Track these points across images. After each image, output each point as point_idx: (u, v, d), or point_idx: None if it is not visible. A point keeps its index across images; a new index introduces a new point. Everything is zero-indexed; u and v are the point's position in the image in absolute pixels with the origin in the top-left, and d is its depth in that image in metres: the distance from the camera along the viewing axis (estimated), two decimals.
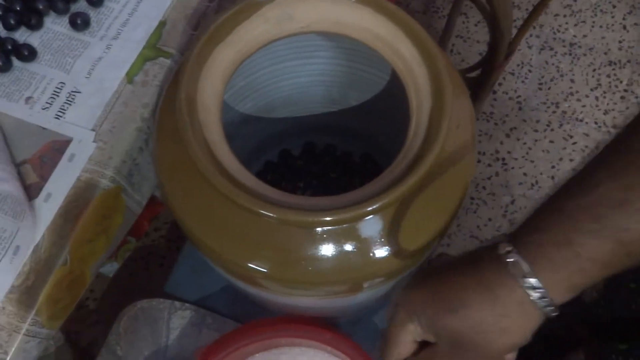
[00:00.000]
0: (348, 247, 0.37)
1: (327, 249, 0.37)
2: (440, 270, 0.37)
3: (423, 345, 0.38)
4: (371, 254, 0.37)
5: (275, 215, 0.35)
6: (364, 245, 0.37)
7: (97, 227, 0.44)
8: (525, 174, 1.21)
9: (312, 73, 0.57)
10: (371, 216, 0.36)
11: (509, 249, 0.32)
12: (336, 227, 0.36)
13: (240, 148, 0.60)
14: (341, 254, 0.37)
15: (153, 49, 0.49)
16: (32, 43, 0.48)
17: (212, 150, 0.37)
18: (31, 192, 0.43)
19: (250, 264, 0.38)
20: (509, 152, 1.20)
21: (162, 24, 0.50)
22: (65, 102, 0.46)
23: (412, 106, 0.39)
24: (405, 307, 0.37)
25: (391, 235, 0.36)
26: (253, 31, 0.41)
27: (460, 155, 0.38)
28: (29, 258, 0.41)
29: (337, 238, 0.37)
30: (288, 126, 0.65)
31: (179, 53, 0.49)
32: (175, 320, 0.63)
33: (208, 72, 0.39)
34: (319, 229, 0.36)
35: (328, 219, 0.35)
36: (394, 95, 0.53)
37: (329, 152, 0.69)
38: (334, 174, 0.69)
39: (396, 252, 0.37)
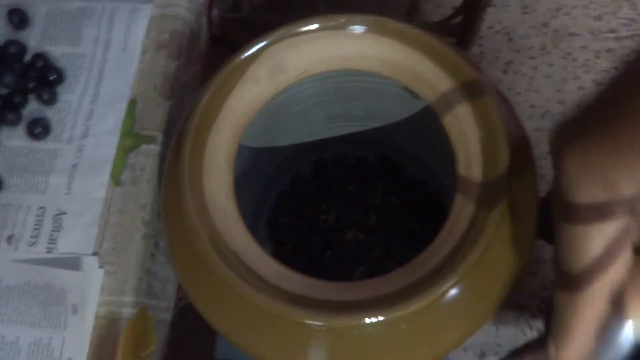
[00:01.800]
0: (407, 334, 0.31)
1: (379, 341, 0.31)
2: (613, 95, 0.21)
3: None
4: (434, 335, 0.31)
5: (322, 324, 0.29)
6: (422, 331, 0.31)
7: (135, 359, 0.39)
8: (532, 106, 1.15)
9: (310, 96, 0.50)
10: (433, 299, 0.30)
11: None
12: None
13: (250, 192, 0.54)
14: (397, 342, 0.31)
15: (131, 136, 0.41)
16: None
17: (241, 259, 0.31)
18: None
19: None
20: (510, 89, 1.14)
21: (132, 104, 0.42)
22: (52, 231, 0.40)
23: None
24: (601, 183, 0.20)
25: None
26: (245, 97, 0.35)
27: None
28: None
29: (391, 329, 0.30)
30: (295, 152, 0.59)
31: (162, 133, 0.42)
32: None
33: (210, 165, 0.33)
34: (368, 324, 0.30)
35: (374, 320, 0.28)
36: (405, 99, 0.47)
37: (341, 164, 0.63)
38: (352, 186, 0.63)
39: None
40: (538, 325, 0.85)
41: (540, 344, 0.28)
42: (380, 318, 0.28)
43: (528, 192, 0.33)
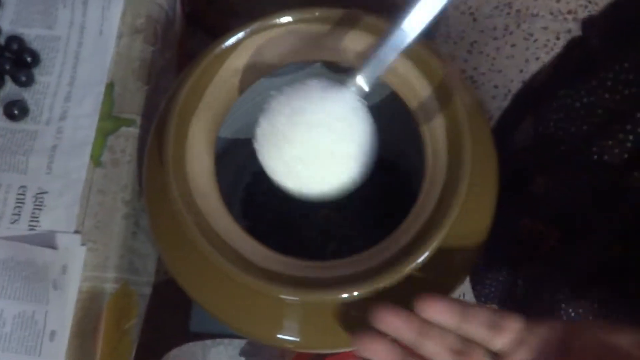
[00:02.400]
0: None
1: (355, 313, 0.34)
2: None
3: None
4: None
5: (299, 299, 0.32)
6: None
7: (118, 332, 0.41)
8: (496, 86, 1.19)
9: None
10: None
11: None
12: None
13: (226, 171, 0.55)
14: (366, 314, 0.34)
15: (110, 119, 0.43)
16: None
17: (224, 239, 0.33)
18: None
19: (279, 335, 0.35)
20: (475, 69, 1.17)
21: (110, 87, 0.43)
22: (34, 208, 0.41)
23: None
24: None
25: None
26: (225, 86, 0.36)
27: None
28: None
29: (364, 304, 0.34)
30: None
31: (141, 116, 0.43)
32: (212, 358, 0.61)
33: (192, 152, 0.35)
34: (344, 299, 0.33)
35: (349, 295, 0.31)
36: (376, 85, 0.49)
37: None
38: None
39: None
40: None
41: None
42: (355, 293, 0.31)
43: (487, 173, 0.37)
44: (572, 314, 0.39)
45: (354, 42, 0.38)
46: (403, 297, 0.33)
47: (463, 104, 0.34)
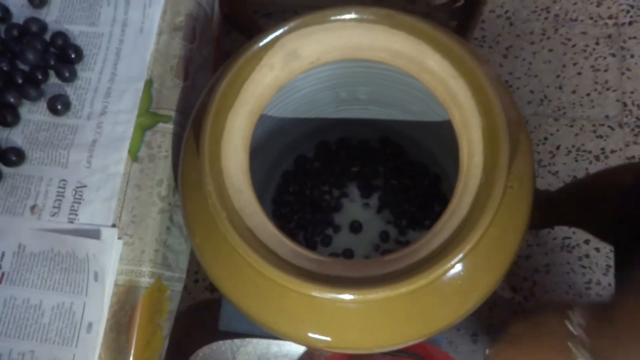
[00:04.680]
0: (408, 308, 0.33)
1: (383, 314, 0.34)
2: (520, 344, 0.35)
3: None
4: (432, 311, 0.34)
5: (330, 296, 0.32)
6: (421, 306, 0.33)
7: (152, 327, 0.41)
8: (532, 92, 1.17)
9: (318, 81, 0.52)
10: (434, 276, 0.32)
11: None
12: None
13: (258, 169, 0.56)
14: (399, 316, 0.34)
15: (148, 115, 0.43)
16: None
17: (257, 236, 0.34)
18: None
19: (310, 334, 0.35)
20: (510, 73, 1.15)
21: (148, 84, 0.44)
22: (73, 202, 0.42)
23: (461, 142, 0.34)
24: None
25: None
26: (261, 83, 0.37)
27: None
28: None
29: (394, 304, 0.33)
30: (299, 135, 0.60)
31: (178, 113, 0.44)
32: (240, 358, 0.62)
33: (228, 148, 0.35)
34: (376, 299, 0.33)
35: (381, 295, 0.31)
36: (409, 84, 0.49)
37: (344, 146, 0.65)
38: (355, 168, 0.65)
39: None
40: (530, 307, 0.88)
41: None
42: (384, 294, 0.30)
43: (524, 177, 0.36)
44: None
45: (389, 41, 0.37)
46: (436, 298, 0.33)
47: (501, 104, 0.33)
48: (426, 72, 0.36)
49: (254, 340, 0.61)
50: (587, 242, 0.95)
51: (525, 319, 0.36)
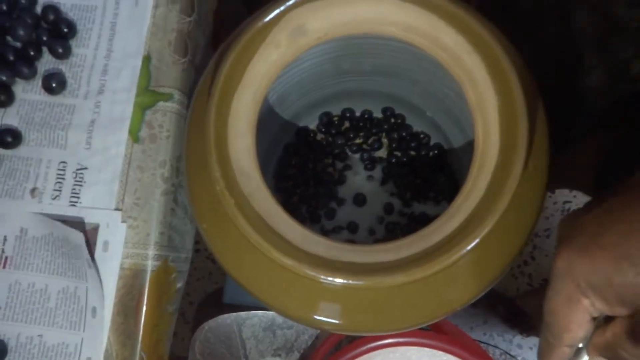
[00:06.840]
0: (421, 293, 0.33)
1: (396, 299, 0.33)
2: (603, 222, 0.28)
3: (607, 319, 0.30)
4: (446, 295, 0.33)
5: (343, 283, 0.31)
6: (435, 290, 0.33)
7: (159, 309, 0.41)
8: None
9: (321, 53, 0.50)
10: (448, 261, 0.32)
11: None
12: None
13: (259, 143, 0.55)
14: (412, 301, 0.33)
15: (148, 93, 0.42)
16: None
17: (267, 222, 0.33)
18: None
19: (317, 317, 0.35)
20: None
21: (146, 60, 0.42)
22: (74, 184, 0.41)
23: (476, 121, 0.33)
24: (575, 280, 0.28)
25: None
26: (267, 62, 0.35)
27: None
28: None
29: (407, 289, 0.33)
30: (301, 108, 0.59)
31: (178, 91, 0.42)
32: (246, 330, 0.62)
33: (234, 130, 0.34)
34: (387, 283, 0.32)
35: (396, 281, 0.30)
36: (415, 55, 0.47)
37: (346, 117, 0.64)
38: (359, 139, 0.64)
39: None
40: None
41: None
42: (399, 280, 0.30)
43: (540, 156, 0.35)
44: None
45: (400, 15, 0.36)
46: (448, 283, 0.33)
47: (519, 82, 0.32)
48: (439, 47, 0.35)
49: (260, 313, 0.61)
50: None
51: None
